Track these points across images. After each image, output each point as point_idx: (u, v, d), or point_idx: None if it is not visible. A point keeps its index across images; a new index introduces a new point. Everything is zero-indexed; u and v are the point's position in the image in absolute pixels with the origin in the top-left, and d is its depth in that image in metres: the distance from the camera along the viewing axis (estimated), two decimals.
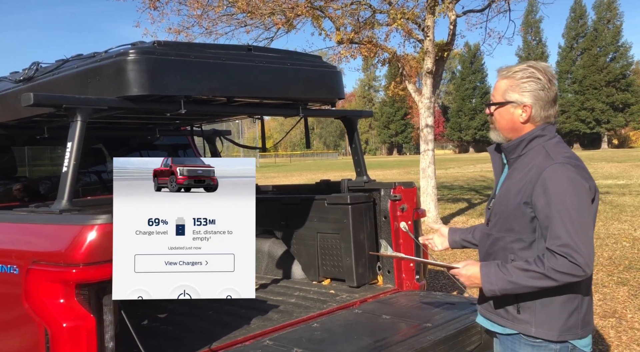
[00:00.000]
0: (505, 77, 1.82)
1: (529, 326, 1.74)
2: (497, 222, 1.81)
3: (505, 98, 1.82)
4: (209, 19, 9.62)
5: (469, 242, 2.11)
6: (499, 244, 1.80)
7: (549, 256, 1.66)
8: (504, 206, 1.79)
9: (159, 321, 2.91)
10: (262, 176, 28.18)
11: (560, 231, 1.65)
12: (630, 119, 55.40)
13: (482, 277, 1.74)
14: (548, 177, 1.69)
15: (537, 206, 1.70)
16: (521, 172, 1.78)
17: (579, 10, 57.35)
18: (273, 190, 4.36)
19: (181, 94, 2.63)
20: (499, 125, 1.85)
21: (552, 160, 1.73)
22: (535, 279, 1.67)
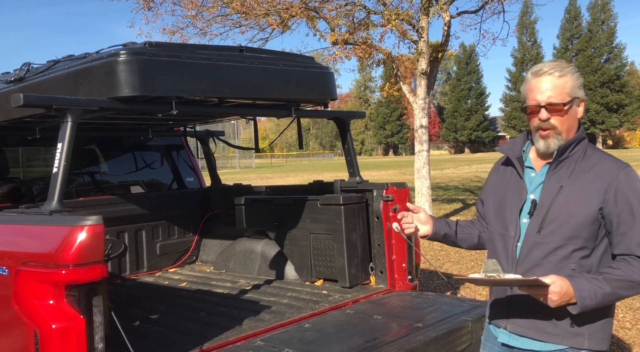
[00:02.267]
0: (562, 75, 1.68)
1: (581, 338, 1.65)
2: (557, 231, 1.65)
3: (572, 95, 1.69)
4: (204, 19, 9.61)
5: (447, 238, 1.95)
6: (558, 254, 1.65)
7: (636, 263, 1.60)
8: (569, 212, 1.64)
9: (151, 322, 2.91)
10: (258, 176, 28.15)
11: None
12: (624, 119, 55.69)
13: (577, 293, 1.56)
14: (625, 181, 1.63)
15: (613, 211, 1.62)
16: (582, 177, 1.66)
17: (574, 12, 57.61)
18: (266, 191, 4.37)
19: (172, 95, 2.63)
20: (564, 127, 1.69)
21: (621, 163, 1.67)
22: (630, 289, 1.61)
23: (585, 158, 1.70)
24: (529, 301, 1.65)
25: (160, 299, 3.43)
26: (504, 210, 1.79)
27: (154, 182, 4.75)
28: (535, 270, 1.67)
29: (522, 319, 1.71)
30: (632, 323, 4.27)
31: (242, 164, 44.97)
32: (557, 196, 1.67)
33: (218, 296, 3.48)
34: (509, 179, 1.83)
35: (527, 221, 1.72)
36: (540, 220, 1.68)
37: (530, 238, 1.70)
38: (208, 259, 4.58)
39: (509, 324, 1.75)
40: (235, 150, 42.62)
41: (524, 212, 1.74)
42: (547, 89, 1.67)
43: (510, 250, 1.75)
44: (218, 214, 4.66)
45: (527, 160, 1.81)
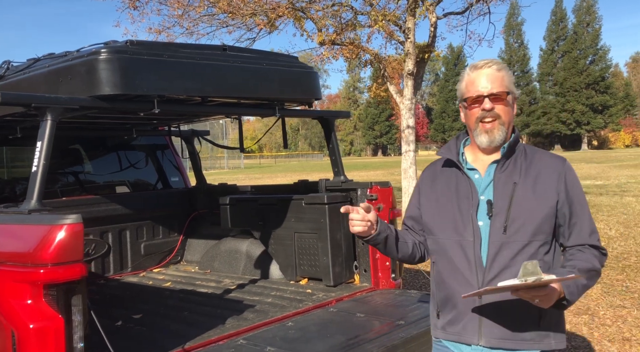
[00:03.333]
0: (501, 68, 1.69)
1: (549, 339, 1.63)
2: (522, 228, 1.60)
3: (509, 89, 1.67)
4: (190, 19, 9.56)
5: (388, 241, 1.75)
6: (525, 252, 1.60)
7: (594, 252, 1.63)
8: (532, 207, 1.61)
9: (133, 322, 2.89)
10: (247, 177, 28.07)
11: (593, 226, 1.65)
12: (609, 120, 56.49)
13: (565, 288, 1.52)
14: (570, 175, 1.67)
15: (565, 203, 1.63)
16: (531, 172, 1.66)
17: (560, 14, 58.32)
18: (251, 190, 4.37)
19: (154, 94, 2.63)
20: (506, 118, 1.67)
21: (559, 157, 1.70)
22: (594, 278, 1.61)
23: (526, 155, 1.70)
24: (500, 310, 1.60)
25: (143, 299, 3.41)
26: (453, 216, 1.68)
27: (138, 182, 4.72)
28: (504, 272, 1.59)
29: (497, 330, 1.62)
30: (612, 320, 4.34)
31: (230, 164, 44.82)
32: (513, 193, 1.63)
33: (202, 296, 3.47)
34: (452, 184, 1.73)
35: (484, 223, 1.64)
36: (504, 219, 1.61)
37: (496, 239, 1.62)
38: (193, 259, 4.56)
39: (483, 338, 1.63)
40: (224, 151, 42.44)
41: (479, 215, 1.65)
42: (488, 81, 1.66)
43: (471, 256, 1.63)
44: (203, 214, 4.64)
45: (467, 163, 1.75)
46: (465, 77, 1.73)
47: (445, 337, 1.73)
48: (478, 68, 1.69)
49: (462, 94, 1.73)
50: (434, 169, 1.84)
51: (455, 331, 1.69)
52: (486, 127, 1.67)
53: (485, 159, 1.71)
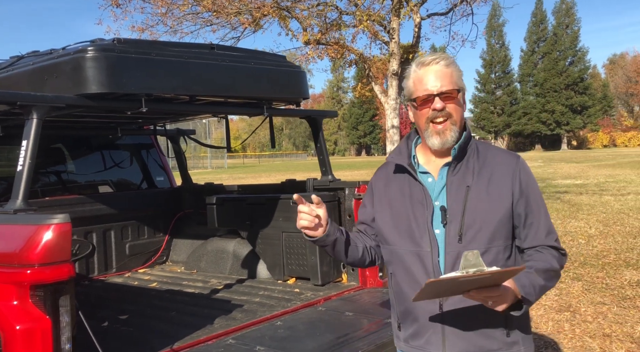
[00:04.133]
0: (449, 64, 1.59)
1: (517, 346, 1.57)
2: (478, 235, 1.52)
3: (458, 85, 1.58)
4: (174, 17, 9.49)
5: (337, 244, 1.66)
6: (485, 259, 1.47)
7: (552, 252, 1.56)
8: (486, 212, 1.53)
9: (120, 322, 2.86)
10: (230, 176, 27.93)
11: (550, 225, 1.58)
12: (587, 121, 57.55)
13: (520, 289, 1.44)
14: (524, 172, 1.58)
15: (520, 203, 1.56)
16: (483, 173, 1.57)
17: (540, 15, 59.21)
18: (238, 190, 4.35)
19: (142, 92, 2.61)
20: (457, 117, 1.58)
21: (512, 154, 1.62)
22: (553, 279, 1.54)
23: (479, 154, 1.61)
24: (463, 321, 1.53)
25: (129, 300, 3.38)
26: (409, 224, 1.58)
27: (123, 182, 4.67)
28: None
29: (460, 341, 1.54)
30: (593, 317, 4.43)
31: (214, 164, 44.54)
32: (467, 197, 1.54)
33: (189, 296, 3.45)
34: (405, 189, 1.63)
35: (440, 231, 1.55)
36: (459, 227, 1.52)
37: (452, 249, 1.52)
38: (179, 259, 4.53)
39: (446, 349, 1.55)
40: (207, 150, 42.17)
41: (435, 222, 1.56)
42: (437, 78, 1.56)
43: (430, 267, 1.54)
44: (189, 214, 4.61)
45: (419, 166, 1.64)
46: (412, 74, 1.61)
47: (408, 351, 1.65)
48: (425, 65, 1.58)
49: (411, 93, 1.61)
50: (386, 172, 1.72)
51: (418, 344, 1.61)
52: (437, 129, 1.57)
53: (437, 161, 1.63)
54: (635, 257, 6.46)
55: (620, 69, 71.71)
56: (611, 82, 69.93)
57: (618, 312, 4.51)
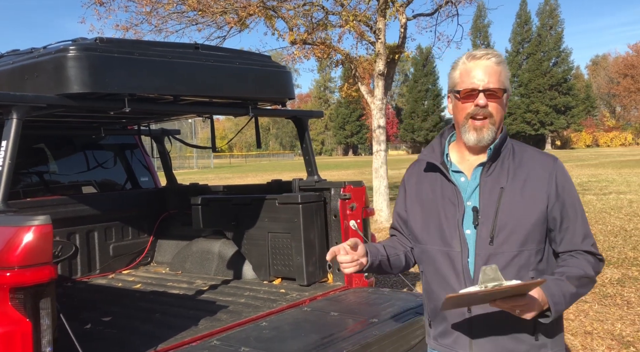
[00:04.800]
0: (499, 62, 1.54)
1: (545, 349, 1.53)
2: (510, 237, 1.49)
3: (505, 85, 1.54)
4: (159, 16, 9.40)
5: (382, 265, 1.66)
6: (515, 263, 1.49)
7: (588, 258, 1.51)
8: (521, 215, 1.50)
9: (103, 324, 2.83)
10: (217, 176, 27.79)
11: (587, 230, 1.54)
12: (571, 121, 58.36)
13: (550, 298, 1.41)
14: (561, 174, 1.54)
15: (556, 206, 1.51)
16: (518, 175, 1.53)
17: (524, 16, 59.87)
18: (224, 190, 4.33)
19: (125, 92, 2.58)
20: (498, 117, 1.53)
21: (549, 156, 1.57)
22: (587, 286, 1.50)
23: (515, 155, 1.57)
24: (491, 323, 1.51)
25: (113, 301, 3.34)
26: (440, 223, 1.57)
27: (106, 182, 4.62)
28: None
29: (488, 343, 1.53)
30: (575, 315, 4.49)
31: (200, 164, 44.28)
32: (500, 199, 1.50)
33: (174, 297, 3.43)
34: (437, 188, 1.60)
35: (471, 232, 1.53)
36: (490, 229, 1.49)
37: (483, 251, 1.50)
38: (164, 260, 4.50)
39: (473, 350, 1.55)
40: (193, 150, 41.91)
41: (466, 223, 1.53)
42: (486, 74, 1.51)
43: (460, 268, 1.53)
44: (174, 214, 4.58)
45: (452, 164, 1.61)
46: (460, 65, 1.56)
47: (437, 349, 1.65)
48: (476, 58, 1.53)
49: (455, 84, 1.56)
50: (418, 169, 1.70)
51: (446, 343, 1.61)
52: (476, 125, 1.53)
53: (471, 160, 1.59)
54: (616, 255, 6.57)
55: (603, 70, 72.85)
56: (594, 82, 71.03)
57: (599, 310, 4.58)
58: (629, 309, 4.58)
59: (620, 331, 4.08)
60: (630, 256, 6.48)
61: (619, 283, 5.36)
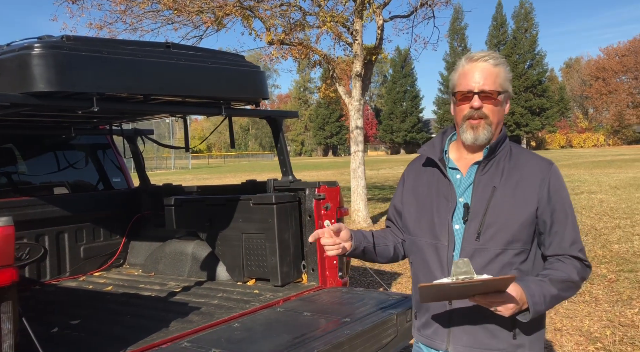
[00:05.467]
0: (497, 63, 1.57)
1: (523, 349, 1.56)
2: (496, 235, 1.52)
3: (503, 87, 1.57)
4: (134, 15, 9.27)
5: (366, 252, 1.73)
6: (499, 260, 1.53)
7: (574, 263, 1.54)
8: (509, 214, 1.52)
9: (71, 328, 2.78)
10: (194, 177, 27.52)
11: (576, 236, 1.56)
12: (545, 122, 59.55)
13: (529, 298, 1.43)
14: (555, 179, 1.56)
15: (546, 210, 1.54)
16: (513, 176, 1.56)
17: (500, 19, 60.87)
18: (197, 191, 4.29)
19: (93, 91, 2.53)
20: (495, 118, 1.57)
21: (546, 160, 1.59)
22: (570, 290, 1.53)
23: (511, 156, 1.60)
24: (470, 317, 1.55)
25: (82, 304, 3.28)
26: (431, 217, 1.62)
27: (77, 183, 4.53)
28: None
29: (465, 338, 1.56)
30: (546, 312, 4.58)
31: (177, 164, 43.81)
32: (491, 197, 1.54)
33: (145, 299, 3.38)
34: (433, 183, 1.66)
35: (460, 227, 1.57)
36: (478, 225, 1.53)
37: (468, 245, 1.54)
38: (136, 262, 4.43)
39: (451, 344, 1.59)
40: (170, 151, 41.41)
41: (456, 218, 1.58)
42: (481, 76, 1.55)
43: (445, 260, 1.58)
44: (147, 215, 4.52)
45: (450, 161, 1.66)
46: (459, 68, 1.61)
47: (419, 339, 1.70)
48: (473, 60, 1.58)
49: (454, 86, 1.62)
50: (418, 164, 1.76)
51: (427, 334, 1.66)
52: (472, 124, 1.57)
53: (468, 158, 1.63)
54: (587, 254, 6.71)
55: (576, 72, 74.55)
56: (567, 85, 72.62)
57: (569, 307, 4.68)
58: (597, 306, 4.69)
59: (588, 327, 4.18)
60: (599, 254, 6.64)
61: (588, 280, 5.49)
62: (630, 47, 62.28)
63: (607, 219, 9.23)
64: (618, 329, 4.11)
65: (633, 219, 9.07)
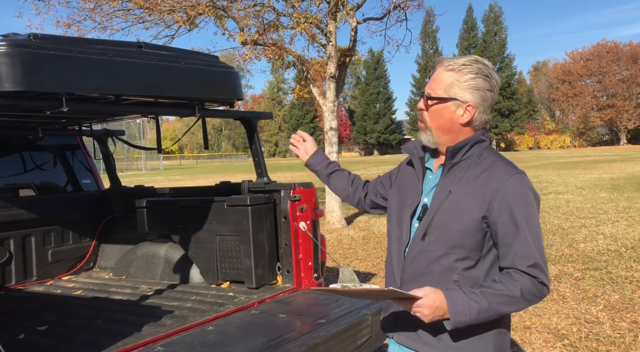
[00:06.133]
0: (450, 69, 1.55)
1: (466, 344, 1.55)
2: (440, 238, 1.53)
3: (448, 94, 1.54)
4: (103, 13, 9.07)
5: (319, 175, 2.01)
6: (441, 263, 1.53)
7: (519, 278, 1.47)
8: (453, 219, 1.52)
9: (38, 334, 2.70)
10: (166, 178, 27.11)
11: (529, 250, 1.48)
12: (514, 124, 60.98)
13: (451, 307, 1.43)
14: (512, 189, 1.49)
15: (498, 221, 1.49)
16: (471, 182, 1.54)
17: (470, 23, 62.04)
18: (170, 192, 4.23)
19: (62, 91, 2.47)
20: (433, 124, 1.58)
21: (511, 169, 1.54)
22: (509, 305, 1.47)
23: (479, 163, 1.57)
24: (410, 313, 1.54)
25: (50, 309, 3.19)
26: (401, 211, 1.67)
27: (45, 185, 4.41)
28: (419, 279, 1.55)
29: (407, 330, 1.61)
30: None
31: (148, 165, 43.08)
32: (444, 200, 1.55)
33: (117, 303, 3.31)
34: (410, 178, 1.71)
35: (417, 225, 1.61)
36: (426, 226, 1.56)
37: (415, 245, 1.58)
38: (107, 265, 4.34)
39: (396, 334, 1.66)
40: (141, 152, 40.71)
41: (416, 216, 1.63)
42: (433, 80, 1.57)
43: (402, 254, 1.63)
44: (118, 218, 4.43)
45: (429, 160, 1.68)
46: None
47: (379, 324, 1.81)
48: (437, 62, 1.61)
49: None
50: (404, 161, 1.82)
51: (383, 323, 1.76)
52: (419, 125, 1.66)
53: (439, 159, 1.66)
54: (554, 253, 6.91)
55: (543, 75, 76.58)
56: (535, 88, 74.51)
57: (538, 305, 4.80)
58: (564, 304, 4.83)
59: (555, 325, 4.30)
60: (566, 253, 6.84)
61: (556, 279, 5.64)
62: (594, 51, 64.36)
63: (574, 219, 9.51)
64: (584, 326, 4.24)
65: (598, 219, 9.37)
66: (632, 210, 10.14)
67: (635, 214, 9.60)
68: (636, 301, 4.77)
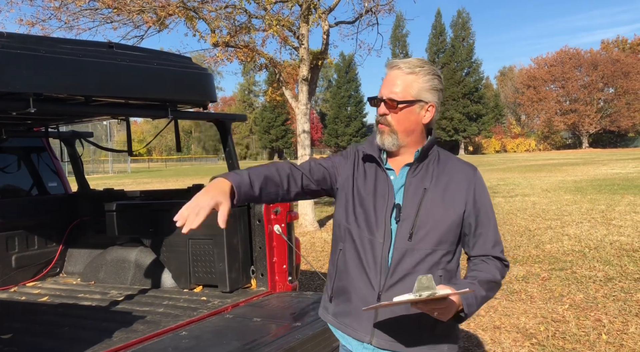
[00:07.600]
0: (411, 72, 1.57)
1: (442, 347, 1.62)
2: (427, 236, 1.57)
3: (414, 96, 1.57)
4: (69, 12, 8.82)
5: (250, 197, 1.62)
6: (428, 260, 1.57)
7: (496, 263, 1.61)
8: (439, 216, 1.58)
9: (2, 342, 2.60)
10: (134, 181, 26.57)
11: (497, 237, 1.64)
12: (482, 128, 62.33)
13: (464, 300, 1.48)
14: (480, 182, 1.64)
15: (472, 213, 1.61)
16: (442, 179, 1.61)
17: (439, 28, 63.16)
18: (141, 196, 4.15)
19: (29, 92, 2.40)
20: (400, 127, 1.59)
21: (470, 164, 1.67)
22: (494, 290, 1.60)
23: (439, 161, 1.66)
24: (394, 313, 1.59)
25: (14, 317, 3.08)
26: (370, 213, 1.62)
27: (8, 188, 4.26)
28: (407, 279, 1.56)
29: (390, 332, 1.60)
30: (485, 311, 4.78)
31: (116, 168, 42.13)
32: (422, 199, 1.58)
33: (85, 309, 3.22)
34: (371, 177, 1.66)
35: (393, 227, 1.60)
36: (410, 226, 1.57)
37: (401, 245, 1.58)
38: (74, 271, 4.22)
39: (375, 338, 1.61)
40: (108, 154, 39.81)
41: (393, 217, 1.61)
42: (391, 84, 1.57)
43: (379, 258, 1.59)
44: (86, 222, 4.32)
45: (386, 162, 1.68)
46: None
47: (335, 326, 1.72)
48: (390, 66, 1.61)
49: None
50: (354, 153, 1.73)
51: (346, 323, 1.66)
52: (380, 128, 1.62)
53: (399, 160, 1.66)
54: (522, 254, 7.08)
55: (509, 80, 78.60)
56: (502, 92, 76.41)
57: (507, 306, 4.91)
58: (532, 304, 4.95)
59: (524, 324, 4.41)
60: (533, 254, 7.02)
61: (524, 280, 5.78)
62: (557, 57, 66.46)
63: (540, 220, 9.78)
64: (551, 325, 4.36)
65: (562, 220, 9.66)
66: (595, 212, 10.49)
67: (598, 216, 9.94)
68: (599, 300, 4.94)
